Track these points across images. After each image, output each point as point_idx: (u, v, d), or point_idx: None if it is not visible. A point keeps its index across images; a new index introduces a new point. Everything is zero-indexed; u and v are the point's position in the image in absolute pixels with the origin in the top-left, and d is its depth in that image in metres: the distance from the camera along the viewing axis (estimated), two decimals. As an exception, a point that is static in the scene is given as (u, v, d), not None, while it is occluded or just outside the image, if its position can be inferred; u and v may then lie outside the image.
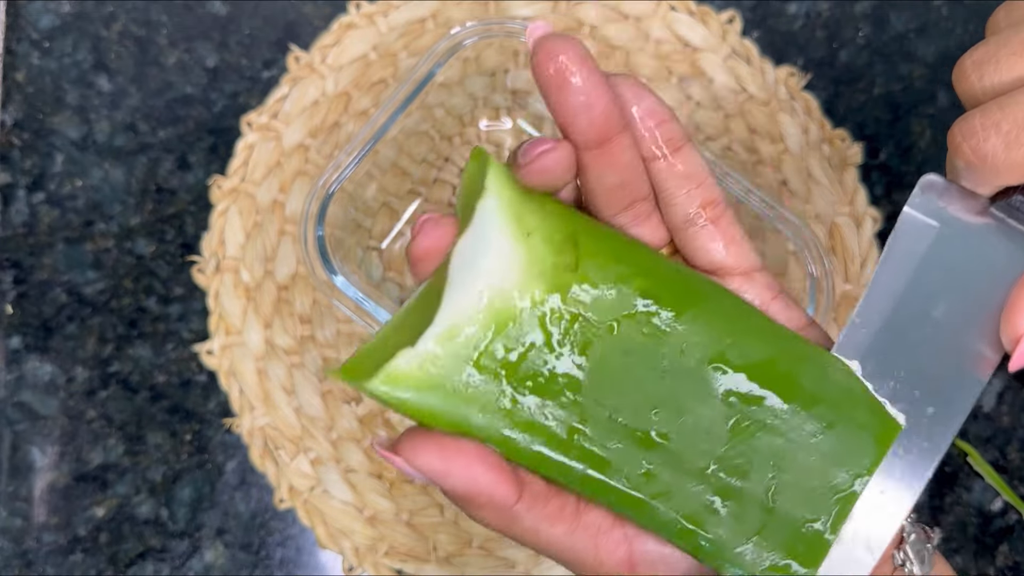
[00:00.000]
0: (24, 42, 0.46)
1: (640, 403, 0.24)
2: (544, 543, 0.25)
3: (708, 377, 0.24)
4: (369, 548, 0.43)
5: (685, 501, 0.24)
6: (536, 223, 0.24)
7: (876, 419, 0.24)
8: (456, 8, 0.46)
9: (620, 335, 0.24)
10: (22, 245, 0.45)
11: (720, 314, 0.24)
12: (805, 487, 0.24)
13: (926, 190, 0.26)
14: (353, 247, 0.44)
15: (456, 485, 0.23)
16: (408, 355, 0.23)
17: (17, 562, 0.42)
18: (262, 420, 0.44)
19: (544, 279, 0.24)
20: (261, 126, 0.46)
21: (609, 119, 0.23)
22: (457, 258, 0.23)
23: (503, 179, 0.24)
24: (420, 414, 0.23)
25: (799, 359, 0.24)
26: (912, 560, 0.27)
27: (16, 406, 0.44)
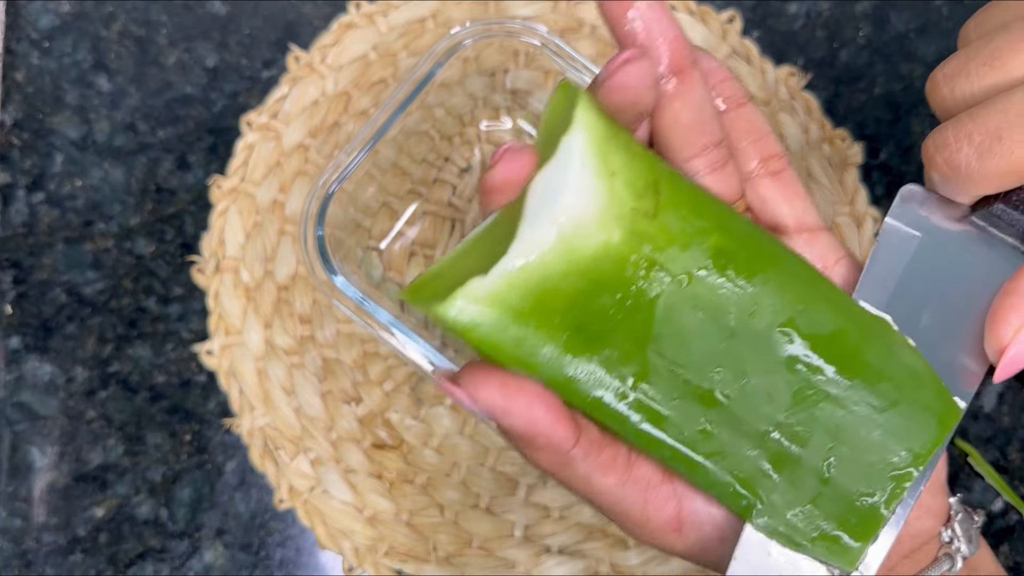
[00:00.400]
0: (24, 42, 0.46)
1: (703, 360, 0.24)
2: (595, 492, 0.25)
3: (775, 342, 0.24)
4: (369, 548, 0.43)
5: (740, 463, 0.24)
6: (621, 165, 0.23)
7: (939, 401, 0.24)
8: (456, 8, 0.46)
9: (691, 289, 0.24)
10: (22, 245, 0.45)
11: (793, 280, 0.24)
12: (863, 461, 0.24)
13: (907, 200, 0.26)
14: (353, 247, 0.44)
15: (516, 424, 0.23)
16: (480, 283, 0.22)
17: (17, 562, 0.42)
18: (262, 420, 0.43)
19: (622, 223, 0.23)
20: (261, 126, 0.45)
21: (683, 48, 0.24)
22: (536, 191, 0.23)
23: (592, 114, 0.23)
24: (485, 345, 0.23)
25: (867, 334, 0.24)
26: (960, 538, 0.27)
27: (16, 406, 0.43)
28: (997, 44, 0.24)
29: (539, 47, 0.38)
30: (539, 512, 0.43)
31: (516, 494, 0.43)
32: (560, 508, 0.43)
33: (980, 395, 0.44)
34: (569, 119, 0.22)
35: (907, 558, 0.27)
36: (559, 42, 0.38)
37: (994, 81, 0.24)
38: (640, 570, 0.42)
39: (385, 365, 0.44)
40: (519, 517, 0.43)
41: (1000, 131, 0.22)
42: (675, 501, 0.25)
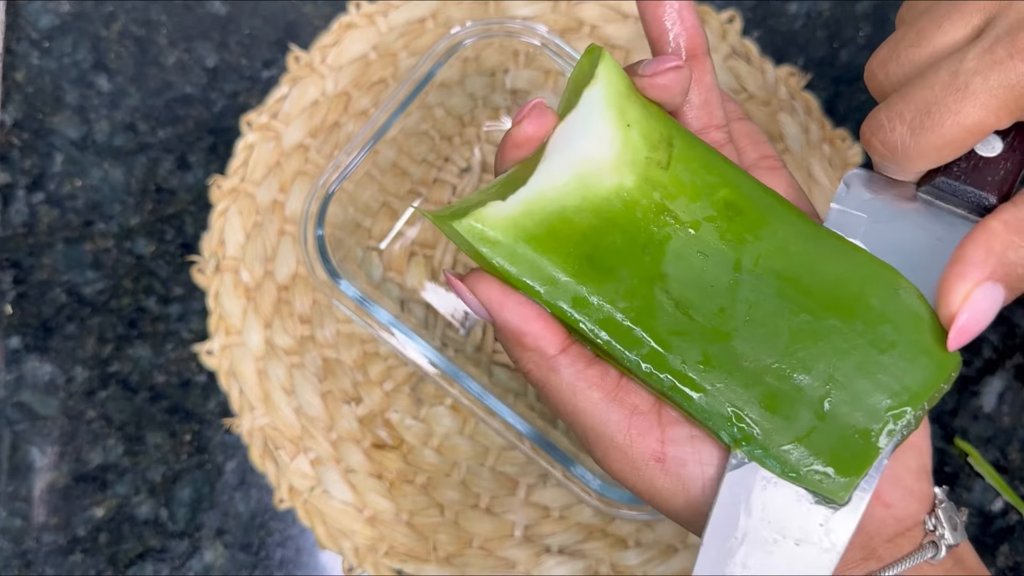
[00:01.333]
0: (24, 42, 0.46)
1: (708, 300, 0.25)
2: (580, 406, 0.25)
3: (778, 287, 0.25)
4: (369, 548, 0.43)
5: (738, 396, 0.25)
6: (637, 118, 0.25)
7: (940, 346, 0.24)
8: (456, 8, 0.46)
9: (699, 236, 0.25)
10: (22, 245, 0.45)
11: (797, 232, 0.25)
12: (859, 399, 0.24)
13: (851, 184, 0.26)
14: (353, 247, 0.44)
15: (508, 319, 0.25)
16: (497, 207, 0.24)
17: (17, 562, 0.42)
18: (262, 420, 0.43)
19: (636, 169, 0.25)
20: (261, 126, 0.45)
21: (699, 34, 0.27)
22: (557, 137, 0.25)
23: (614, 72, 0.25)
24: (496, 267, 0.24)
25: (872, 280, 0.25)
26: (944, 525, 0.27)
27: (16, 406, 0.43)
28: (922, 24, 0.25)
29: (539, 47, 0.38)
30: (539, 512, 0.43)
31: (516, 494, 0.43)
32: (560, 508, 0.43)
33: (980, 395, 0.44)
34: (592, 75, 0.25)
35: (890, 542, 0.27)
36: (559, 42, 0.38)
37: (921, 59, 0.24)
38: (640, 570, 0.42)
39: (385, 365, 0.44)
40: (519, 517, 0.43)
41: (929, 106, 0.23)
42: (659, 431, 0.25)
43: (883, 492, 0.27)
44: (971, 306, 0.23)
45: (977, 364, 0.44)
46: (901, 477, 0.27)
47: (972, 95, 0.22)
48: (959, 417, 0.44)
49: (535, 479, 0.43)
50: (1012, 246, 0.23)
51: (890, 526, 0.27)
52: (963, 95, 0.22)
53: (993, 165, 0.25)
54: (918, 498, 0.27)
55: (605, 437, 0.26)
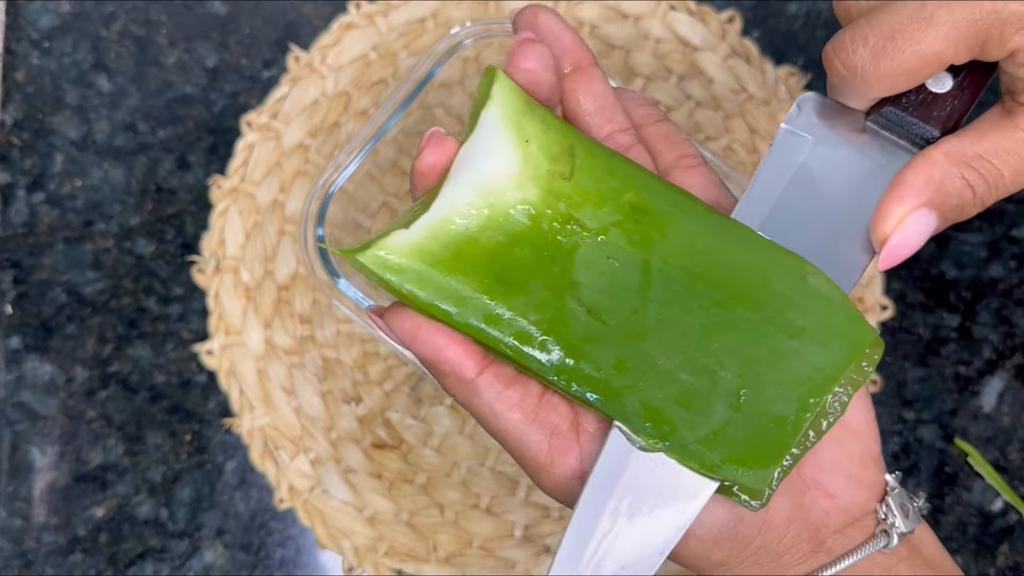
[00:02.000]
0: (24, 42, 0.46)
1: (619, 304, 0.25)
2: (501, 427, 0.26)
3: (687, 284, 0.25)
4: (369, 548, 0.43)
5: (653, 394, 0.25)
6: (536, 132, 0.25)
7: (851, 326, 0.25)
8: (456, 8, 0.46)
9: (606, 242, 0.25)
10: (22, 245, 0.45)
11: (705, 227, 0.26)
12: (773, 388, 0.25)
13: (803, 106, 0.27)
14: (353, 247, 0.44)
15: (422, 349, 0.25)
16: (401, 235, 0.24)
17: (17, 562, 0.42)
18: (262, 420, 0.43)
19: (539, 183, 0.25)
20: (261, 126, 0.46)
21: (579, 49, 0.27)
22: (459, 161, 0.25)
23: (509, 91, 0.25)
24: (405, 294, 0.25)
25: (778, 268, 0.25)
26: (895, 513, 0.27)
27: (16, 406, 0.43)
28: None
29: (539, 47, 0.38)
30: (539, 512, 0.43)
31: (516, 494, 0.43)
32: (560, 508, 0.43)
33: (980, 395, 0.44)
34: (488, 95, 0.25)
35: (839, 533, 0.27)
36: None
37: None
38: (640, 570, 0.42)
39: (385, 365, 0.44)
40: (519, 517, 0.43)
41: (893, 31, 0.23)
42: (577, 449, 0.26)
43: (826, 482, 0.27)
44: (904, 229, 0.24)
45: (977, 364, 0.44)
46: (843, 466, 0.27)
47: (935, 26, 0.23)
48: (959, 417, 0.44)
49: (535, 479, 0.43)
50: (950, 176, 0.24)
51: (837, 517, 0.27)
52: (927, 24, 0.23)
53: (941, 101, 0.25)
54: (865, 486, 0.27)
55: (527, 457, 0.26)
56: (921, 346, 0.45)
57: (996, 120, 0.24)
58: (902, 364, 0.44)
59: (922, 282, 0.45)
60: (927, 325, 0.45)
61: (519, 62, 0.26)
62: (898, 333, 0.45)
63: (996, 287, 0.45)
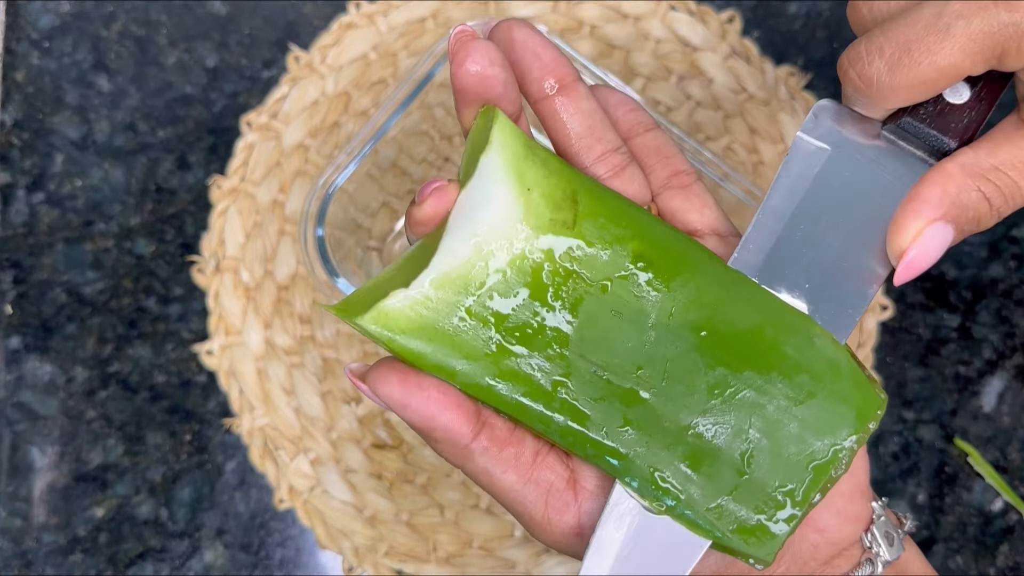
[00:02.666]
0: (24, 42, 0.46)
1: (625, 361, 0.25)
2: (497, 487, 0.25)
3: (694, 341, 0.25)
4: (369, 548, 0.43)
5: (661, 459, 0.24)
6: (537, 179, 0.24)
7: (859, 392, 0.25)
8: (456, 8, 0.46)
9: (612, 294, 0.25)
10: (22, 245, 0.45)
11: (711, 280, 0.25)
12: (782, 454, 0.24)
13: (820, 115, 0.26)
14: (353, 247, 0.44)
15: (413, 418, 0.24)
16: (400, 295, 0.23)
17: (17, 562, 0.42)
18: (262, 420, 0.43)
19: (541, 234, 0.24)
20: (261, 126, 0.46)
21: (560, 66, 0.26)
22: (457, 210, 0.24)
23: (509, 134, 0.24)
24: (407, 354, 0.24)
25: (785, 328, 0.25)
26: (880, 542, 0.27)
27: (16, 406, 0.43)
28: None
29: (539, 47, 0.38)
30: (539, 512, 0.43)
31: (516, 494, 0.43)
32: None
33: (980, 395, 0.44)
34: (487, 139, 0.24)
35: (827, 564, 0.27)
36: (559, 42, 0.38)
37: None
38: (640, 570, 0.42)
39: (385, 365, 0.44)
40: (519, 517, 0.43)
41: (909, 43, 0.23)
42: (576, 506, 0.26)
43: (816, 518, 0.27)
44: (921, 243, 0.24)
45: (977, 364, 0.44)
46: (834, 502, 0.27)
47: (952, 37, 0.22)
48: (959, 417, 0.44)
49: (535, 479, 0.43)
50: (966, 189, 0.24)
51: (824, 550, 0.27)
52: (943, 36, 0.22)
53: (959, 112, 0.25)
54: (853, 520, 0.27)
55: (526, 515, 0.26)
56: (921, 346, 0.45)
57: (1012, 130, 0.24)
58: (902, 364, 0.44)
59: (922, 282, 0.45)
60: (927, 325, 0.45)
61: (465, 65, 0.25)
62: (898, 333, 0.45)
63: (996, 287, 0.45)
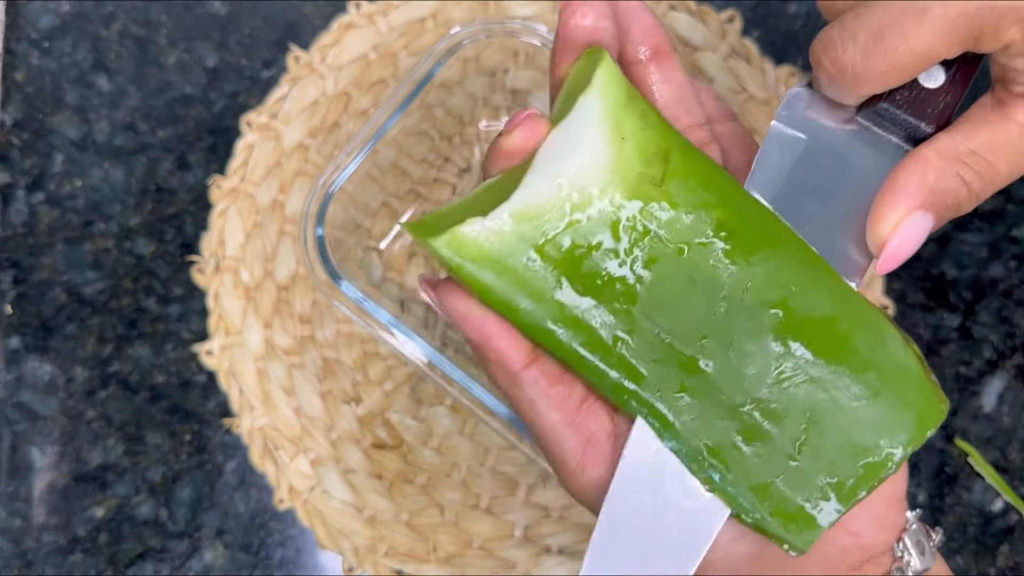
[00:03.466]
0: (24, 42, 0.46)
1: (690, 329, 0.24)
2: (538, 423, 0.25)
3: (765, 320, 0.24)
4: (369, 548, 0.43)
5: (712, 431, 0.24)
6: (633, 130, 0.24)
7: (923, 400, 0.24)
8: (456, 8, 0.46)
9: (688, 259, 0.24)
10: (21, 245, 0.45)
11: (792, 262, 0.24)
12: (835, 447, 0.24)
13: (793, 102, 0.26)
14: (353, 247, 0.44)
15: (471, 333, 0.24)
16: (477, 224, 0.23)
17: (16, 562, 0.42)
18: (262, 420, 0.43)
19: (627, 186, 0.24)
20: (261, 126, 0.45)
21: (658, 32, 0.26)
22: (547, 147, 0.23)
23: (612, 79, 0.24)
24: (474, 284, 0.23)
25: (860, 323, 0.24)
26: (911, 551, 0.27)
27: (16, 406, 0.43)
28: None
29: (539, 47, 0.38)
30: (539, 512, 0.43)
31: (516, 494, 0.43)
32: (560, 508, 0.43)
33: (980, 395, 0.44)
34: (589, 81, 0.23)
35: (855, 569, 0.26)
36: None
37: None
38: (640, 570, 0.42)
39: (385, 365, 0.44)
40: (519, 517, 0.43)
41: (883, 28, 0.23)
42: (611, 463, 0.25)
43: (849, 522, 0.26)
44: (901, 233, 0.23)
45: (977, 364, 0.44)
46: (871, 507, 0.26)
47: (929, 21, 0.22)
48: (959, 417, 0.44)
49: (535, 479, 0.43)
50: (944, 175, 0.23)
51: (855, 554, 0.26)
52: (919, 20, 0.22)
53: (934, 96, 0.25)
54: (888, 527, 0.27)
55: (559, 459, 0.25)
56: (921, 346, 0.45)
57: (988, 112, 0.24)
58: (902, 364, 0.44)
59: (922, 282, 0.45)
60: (927, 325, 0.45)
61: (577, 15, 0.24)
62: (898, 333, 0.45)
63: (996, 287, 0.45)
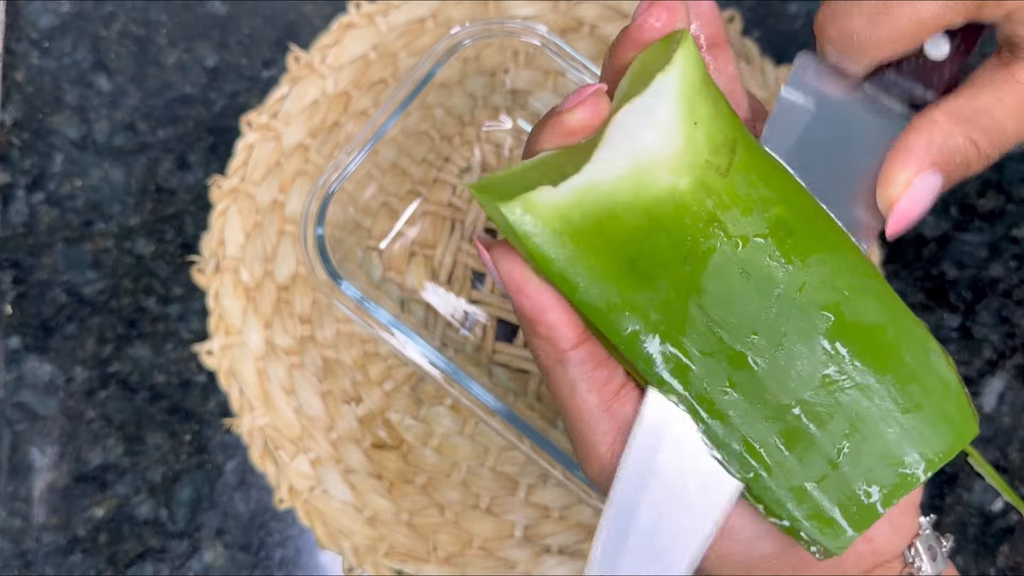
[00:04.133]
0: (24, 42, 0.46)
1: (742, 323, 0.24)
2: (575, 405, 0.25)
3: (817, 321, 0.24)
4: (369, 548, 0.43)
5: (754, 429, 0.24)
6: (705, 116, 0.24)
7: (961, 416, 0.24)
8: (456, 8, 0.46)
9: (745, 253, 0.24)
10: (21, 245, 0.45)
11: (846, 267, 0.24)
12: (874, 455, 0.24)
13: (801, 71, 0.26)
14: (353, 247, 0.44)
15: (524, 304, 0.24)
16: (547, 193, 0.23)
17: (16, 562, 0.42)
18: (262, 420, 0.43)
19: (694, 172, 0.24)
20: (261, 126, 0.45)
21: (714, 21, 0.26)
22: (620, 121, 0.23)
23: (692, 62, 0.23)
24: (537, 254, 0.23)
25: (907, 335, 0.24)
26: (923, 556, 0.27)
27: (16, 406, 0.43)
28: None
29: (539, 47, 0.38)
30: (539, 512, 0.43)
31: (516, 494, 0.43)
32: (560, 508, 0.43)
33: (980, 395, 0.44)
34: (668, 60, 0.23)
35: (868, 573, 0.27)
36: (559, 42, 0.38)
37: None
38: (640, 570, 0.42)
39: (385, 365, 0.44)
40: (519, 517, 0.43)
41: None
42: None
43: None
44: (911, 193, 0.24)
45: (977, 364, 0.44)
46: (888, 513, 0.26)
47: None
48: (959, 417, 0.44)
49: (535, 479, 0.43)
50: (952, 135, 0.24)
51: (868, 559, 0.27)
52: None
53: (939, 65, 0.25)
54: (903, 532, 0.27)
55: (588, 443, 0.25)
56: (921, 346, 0.45)
57: (993, 73, 0.24)
58: (902, 364, 0.44)
59: (922, 282, 0.45)
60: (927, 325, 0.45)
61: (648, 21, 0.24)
62: (898, 333, 0.45)
63: (996, 287, 0.45)
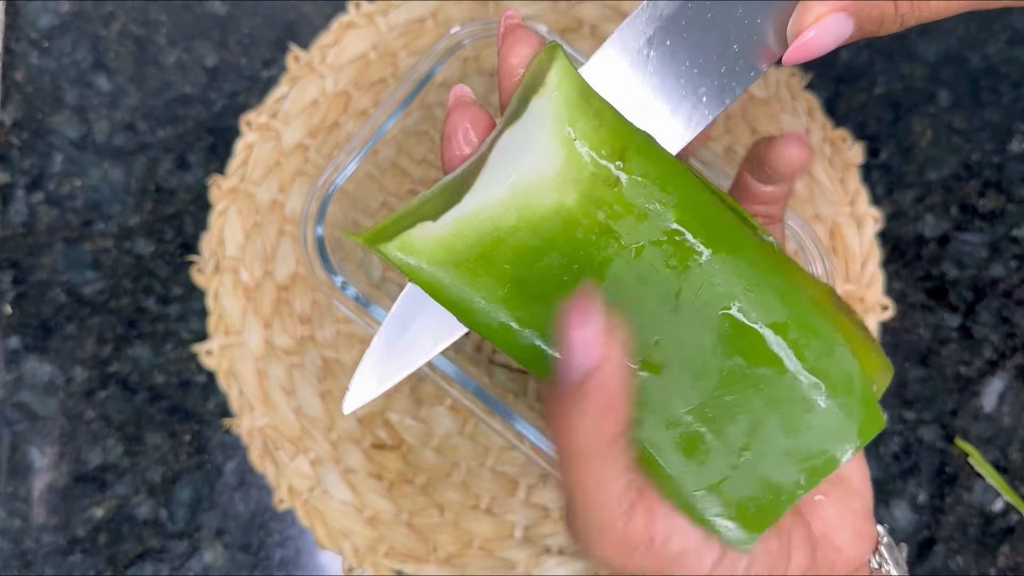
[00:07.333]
0: (23, 41, 0.46)
1: (641, 331, 0.24)
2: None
3: (717, 322, 0.24)
4: (369, 548, 0.43)
5: (658, 434, 0.24)
6: (586, 131, 0.24)
7: (866, 412, 0.24)
8: (456, 8, 0.46)
9: (642, 260, 0.24)
10: (21, 245, 0.45)
11: (747, 263, 0.24)
12: (777, 456, 0.24)
13: None
14: (353, 247, 0.44)
15: None
16: (427, 228, 0.23)
17: (16, 563, 0.42)
18: (261, 420, 0.43)
19: (580, 187, 0.24)
20: (260, 126, 0.45)
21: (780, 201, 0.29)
22: (499, 148, 0.23)
23: (566, 80, 0.23)
24: (427, 286, 0.24)
25: (811, 331, 0.24)
26: (888, 561, 0.28)
27: (15, 406, 0.43)
28: None
29: (539, 47, 0.38)
30: (539, 512, 0.43)
31: (516, 494, 0.43)
32: (560, 508, 0.43)
33: (980, 395, 0.44)
34: (542, 82, 0.23)
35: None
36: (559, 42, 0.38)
37: None
38: (640, 570, 0.42)
39: (385, 365, 0.44)
40: (519, 517, 0.43)
41: None
42: None
43: (833, 536, 0.27)
44: (820, 27, 0.24)
45: (977, 364, 0.44)
46: (848, 521, 0.27)
47: None
48: (959, 417, 0.44)
49: (535, 479, 0.43)
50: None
51: (841, 568, 0.27)
52: None
53: None
54: (866, 539, 0.27)
55: None
56: (922, 346, 0.45)
57: None
58: (903, 364, 0.44)
59: (922, 282, 0.45)
60: (928, 325, 0.45)
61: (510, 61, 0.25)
62: (898, 333, 0.45)
63: (997, 287, 0.45)
